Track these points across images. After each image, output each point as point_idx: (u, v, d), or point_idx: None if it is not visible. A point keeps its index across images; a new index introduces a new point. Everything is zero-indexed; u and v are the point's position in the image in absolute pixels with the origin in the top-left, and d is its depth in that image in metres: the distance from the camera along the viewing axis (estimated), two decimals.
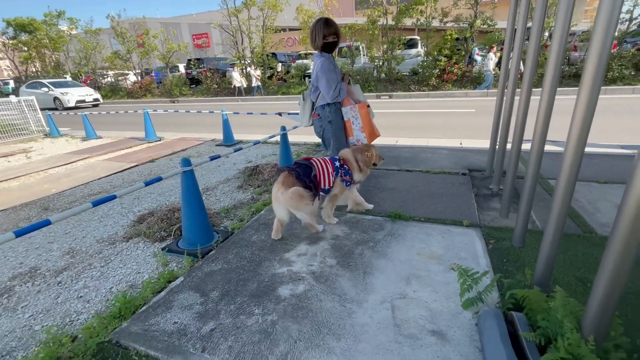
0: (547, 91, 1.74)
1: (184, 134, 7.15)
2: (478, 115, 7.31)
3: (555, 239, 1.53)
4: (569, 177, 1.41)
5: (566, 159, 1.39)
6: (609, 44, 1.23)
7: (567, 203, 1.46)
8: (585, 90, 1.29)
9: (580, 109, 1.32)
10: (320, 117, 2.65)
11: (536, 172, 1.92)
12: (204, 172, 4.27)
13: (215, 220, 2.82)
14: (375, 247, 2.20)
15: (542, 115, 1.79)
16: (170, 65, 18.74)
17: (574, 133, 1.36)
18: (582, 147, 1.36)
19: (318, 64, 2.49)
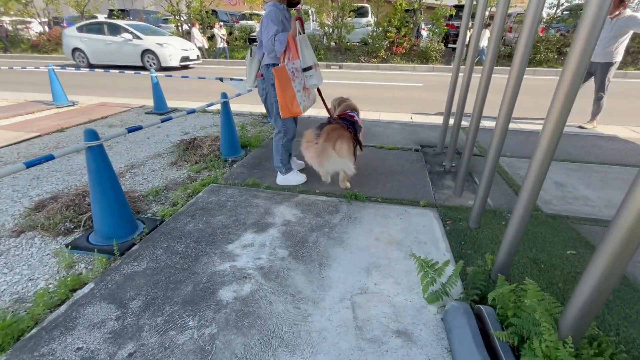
0: (515, 69, 1.60)
1: (106, 98, 6.06)
2: (426, 90, 7.39)
3: (522, 226, 1.45)
4: (544, 158, 1.29)
5: (543, 138, 1.27)
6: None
7: (539, 187, 1.36)
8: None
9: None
10: (264, 78, 2.32)
11: (498, 152, 1.83)
12: (129, 145, 3.61)
13: (141, 205, 2.34)
14: (331, 233, 1.99)
15: (508, 94, 1.66)
16: (87, 14, 15.78)
17: (553, 113, 1.23)
18: (562, 126, 1.24)
19: (265, 13, 2.14)
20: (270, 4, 2.18)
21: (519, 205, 1.43)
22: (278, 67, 2.16)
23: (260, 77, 2.35)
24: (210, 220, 2.10)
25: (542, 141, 1.28)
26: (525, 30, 1.51)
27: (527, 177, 1.37)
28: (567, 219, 2.21)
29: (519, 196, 1.42)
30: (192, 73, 9.78)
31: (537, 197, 1.40)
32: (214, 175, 2.80)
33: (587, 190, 2.63)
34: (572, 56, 1.13)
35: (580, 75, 1.15)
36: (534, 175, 1.34)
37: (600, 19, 1.06)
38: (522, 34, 1.52)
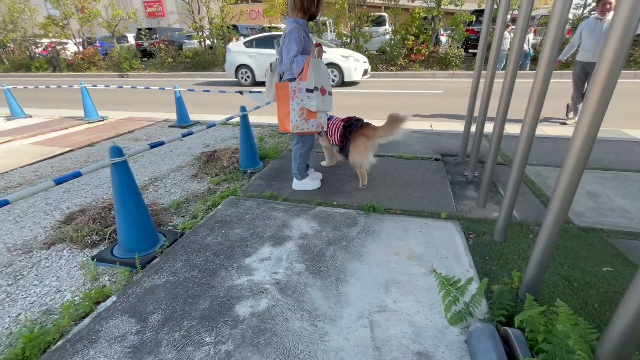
0: (541, 75, 1.53)
1: (132, 113, 6.36)
2: (446, 96, 7.25)
3: (552, 241, 1.37)
4: (576, 165, 1.21)
5: (574, 144, 1.19)
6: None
7: (570, 198, 1.27)
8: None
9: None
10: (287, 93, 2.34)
11: (524, 160, 1.74)
12: (152, 159, 3.74)
13: (163, 217, 2.41)
14: (349, 247, 1.95)
15: (534, 99, 1.59)
16: (117, 34, 16.76)
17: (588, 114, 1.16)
18: (595, 133, 1.16)
19: (287, 30, 2.18)
20: (291, 20, 2.23)
21: (549, 218, 1.35)
22: (280, 82, 2.28)
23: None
24: (229, 233, 2.12)
25: (573, 147, 1.20)
26: (550, 33, 1.45)
27: (557, 186, 1.29)
28: (602, 233, 2.07)
29: (549, 208, 1.34)
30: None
31: (569, 209, 1.31)
32: (232, 187, 2.85)
33: (623, 201, 2.46)
34: (606, 54, 1.05)
35: (615, 76, 1.07)
36: (565, 184, 1.26)
37: (634, 20, 1.00)
38: (547, 35, 1.46)
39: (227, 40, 13.86)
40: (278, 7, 12.96)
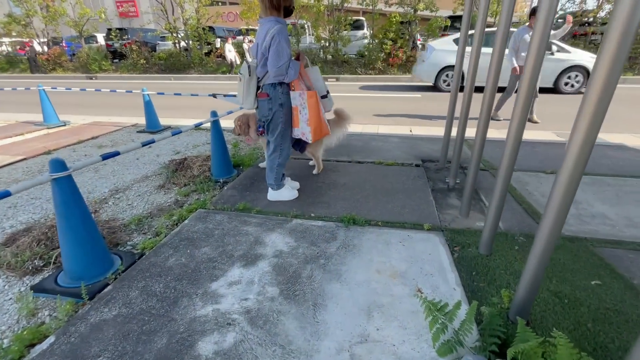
0: (528, 73, 1.44)
1: (98, 117, 5.95)
2: (424, 100, 7.28)
3: (545, 259, 1.26)
4: (572, 174, 1.10)
5: (571, 151, 1.09)
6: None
7: (565, 211, 1.17)
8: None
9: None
10: (270, 98, 2.21)
11: (510, 170, 1.64)
12: (116, 168, 3.44)
13: (122, 236, 2.16)
14: (328, 265, 1.80)
15: (520, 105, 1.50)
16: (86, 34, 15.93)
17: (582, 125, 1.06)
18: (594, 135, 1.07)
19: (272, 32, 1.99)
20: (272, 19, 2.06)
21: (542, 233, 1.25)
22: (312, 91, 2.27)
23: (265, 97, 2.21)
24: (195, 252, 1.91)
25: (569, 154, 1.09)
26: (535, 37, 1.36)
27: (552, 198, 1.18)
28: (586, 242, 2.02)
29: (542, 223, 1.24)
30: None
31: (564, 223, 1.21)
32: (202, 199, 2.63)
33: (603, 206, 2.44)
34: (605, 53, 0.95)
35: (615, 80, 0.98)
36: (561, 196, 1.15)
37: (632, 26, 0.90)
38: (532, 40, 1.37)
39: (202, 42, 13.45)
40: (255, 9, 12.72)
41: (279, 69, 2.07)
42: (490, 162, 3.35)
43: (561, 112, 5.71)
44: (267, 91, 2.19)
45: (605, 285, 1.63)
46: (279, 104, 2.22)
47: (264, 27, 2.06)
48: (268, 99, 2.21)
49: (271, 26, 2.02)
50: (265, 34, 2.02)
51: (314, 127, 2.30)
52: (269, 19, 2.06)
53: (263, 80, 2.19)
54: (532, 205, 2.47)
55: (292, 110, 2.33)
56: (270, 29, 2.00)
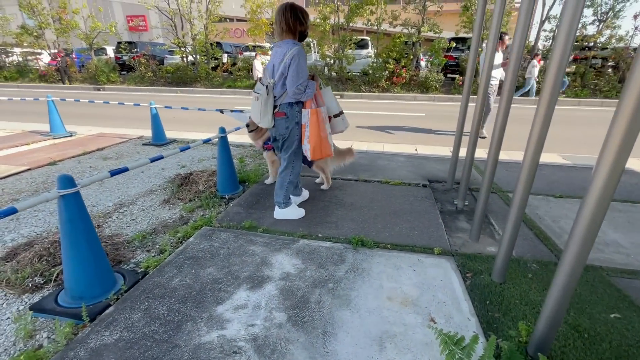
0: (545, 101, 1.43)
1: (105, 128, 5.99)
2: (428, 119, 7.33)
3: (568, 292, 1.22)
4: (600, 202, 1.07)
5: (598, 176, 1.06)
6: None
7: (591, 242, 1.14)
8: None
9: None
10: (288, 117, 2.24)
11: (526, 193, 1.60)
12: (121, 180, 3.42)
13: (125, 253, 2.11)
14: (337, 290, 1.74)
15: (538, 125, 1.48)
16: (96, 47, 16.30)
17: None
18: (625, 159, 1.04)
19: (291, 53, 2.05)
20: (291, 41, 2.13)
21: (565, 265, 1.20)
22: (316, 109, 2.25)
23: (283, 116, 2.23)
24: (200, 273, 1.86)
25: (597, 180, 1.06)
26: (554, 60, 1.35)
27: (575, 228, 1.15)
28: (601, 271, 1.97)
29: (565, 254, 1.20)
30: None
31: (589, 255, 1.17)
32: (208, 215, 2.59)
33: (615, 233, 2.40)
34: (634, 79, 0.94)
35: None
36: (586, 226, 1.12)
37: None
38: (550, 64, 1.37)
39: (210, 57, 13.72)
40: (262, 26, 13.04)
41: (298, 88, 2.11)
42: (497, 185, 3.33)
43: (565, 134, 5.73)
44: (284, 110, 2.22)
45: (625, 319, 1.57)
46: (296, 122, 2.26)
47: (282, 48, 2.11)
48: (285, 117, 2.23)
49: (289, 47, 2.08)
50: (284, 55, 2.08)
51: (313, 146, 2.28)
52: (286, 41, 2.13)
53: (280, 100, 2.21)
54: (543, 230, 2.43)
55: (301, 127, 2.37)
56: (289, 50, 2.07)
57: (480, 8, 2.60)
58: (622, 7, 10.63)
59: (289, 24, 2.11)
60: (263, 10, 12.92)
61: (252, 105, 2.27)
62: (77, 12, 15.33)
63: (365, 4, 11.53)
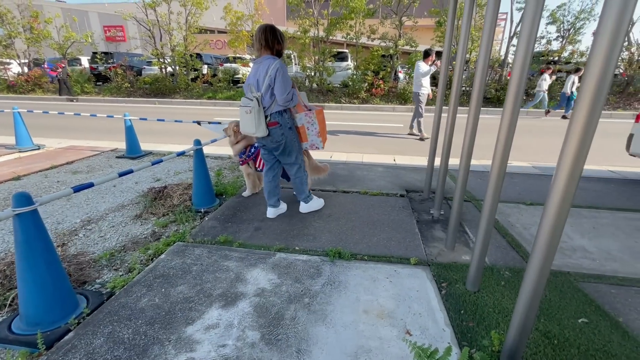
0: (508, 112, 1.49)
1: (77, 141, 5.76)
2: (406, 129, 7.49)
3: (536, 297, 1.24)
4: (561, 207, 1.11)
5: (557, 182, 1.10)
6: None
7: (555, 246, 1.17)
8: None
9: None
10: (280, 125, 2.39)
11: (495, 201, 1.64)
12: (90, 195, 3.28)
13: (91, 272, 2.00)
14: (312, 305, 1.71)
15: (503, 135, 1.53)
16: (70, 57, 15.83)
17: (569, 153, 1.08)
18: (582, 164, 1.08)
19: (274, 66, 2.25)
20: (270, 56, 2.30)
21: (531, 272, 1.23)
22: (319, 109, 2.69)
23: (276, 125, 2.37)
24: (170, 291, 1.79)
25: (556, 185, 1.10)
26: (515, 74, 1.42)
27: (540, 233, 1.18)
28: (569, 276, 2.03)
29: (531, 261, 1.23)
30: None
31: (553, 261, 1.21)
32: (181, 230, 2.51)
33: (582, 239, 2.50)
34: (586, 91, 0.99)
35: (597, 114, 1.00)
36: (549, 230, 1.15)
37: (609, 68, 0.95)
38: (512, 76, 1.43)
39: (189, 68, 13.58)
40: (243, 38, 13.08)
41: (287, 96, 2.28)
42: (471, 193, 3.41)
43: (538, 142, 5.99)
44: (276, 119, 2.36)
45: (592, 323, 1.62)
46: (288, 127, 2.44)
47: (264, 63, 2.28)
48: (279, 125, 2.38)
49: (272, 62, 2.26)
50: (268, 68, 2.25)
51: (324, 137, 2.75)
52: (266, 57, 2.30)
53: (269, 110, 2.34)
54: (515, 238, 2.50)
55: (298, 129, 2.60)
56: (272, 64, 2.24)
57: (449, 25, 2.71)
58: (582, 25, 11.39)
59: (267, 40, 2.28)
60: (243, 23, 12.98)
61: (243, 119, 2.37)
62: (50, 22, 14.93)
63: (344, 19, 11.83)
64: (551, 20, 11.79)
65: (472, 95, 1.93)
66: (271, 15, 22.16)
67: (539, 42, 12.13)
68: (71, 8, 25.48)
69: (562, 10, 11.60)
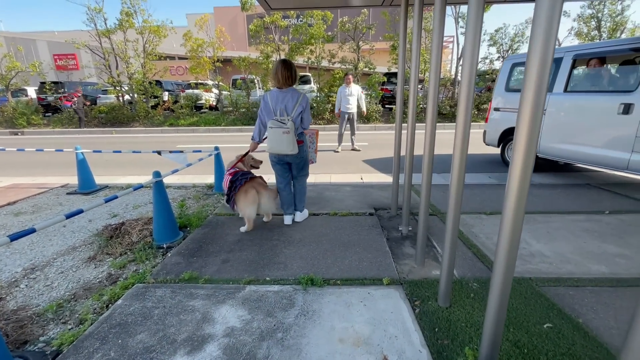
0: (461, 123, 1.57)
1: (21, 178, 5.28)
2: (371, 148, 7.73)
3: (503, 308, 1.27)
4: (515, 217, 1.16)
5: (510, 192, 1.15)
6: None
7: (514, 254, 1.22)
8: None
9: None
10: (304, 142, 2.91)
11: (457, 213, 1.69)
12: (35, 239, 2.97)
13: (33, 329, 1.77)
14: (286, 339, 1.63)
15: (458, 147, 1.60)
16: (13, 88, 14.77)
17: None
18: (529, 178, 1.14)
19: (303, 96, 2.78)
20: (293, 88, 2.78)
21: (496, 281, 1.27)
22: (317, 130, 3.22)
23: (302, 143, 2.86)
24: (128, 342, 1.62)
25: (510, 194, 1.16)
26: (463, 91, 1.51)
27: (500, 243, 1.23)
28: (531, 282, 2.13)
29: (494, 270, 1.27)
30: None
31: (514, 268, 1.25)
32: (141, 270, 2.33)
33: (539, 244, 2.65)
34: (526, 101, 1.06)
35: (538, 121, 1.08)
36: (507, 239, 1.20)
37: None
38: (461, 94, 1.52)
39: (149, 96, 13.19)
40: (204, 64, 13.02)
41: (310, 120, 2.88)
42: (436, 207, 3.53)
43: None
44: (302, 138, 2.87)
45: (556, 328, 1.69)
46: (306, 144, 2.97)
47: (294, 93, 2.75)
48: (303, 143, 2.89)
49: (299, 93, 2.76)
50: (298, 98, 2.74)
51: (317, 153, 3.25)
52: (291, 88, 2.77)
53: (296, 131, 2.77)
54: (480, 248, 2.59)
55: None
56: (300, 95, 2.76)
57: (401, 49, 2.89)
58: (517, 47, 12.66)
59: (285, 76, 2.71)
60: (204, 50, 12.95)
61: (278, 139, 2.69)
62: None
63: (305, 44, 12.24)
64: (492, 43, 12.98)
65: (427, 112, 2.01)
66: (233, 41, 22.40)
67: (483, 62, 13.25)
68: (16, 37, 24.03)
69: (500, 34, 12.85)
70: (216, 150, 4.20)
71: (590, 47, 4.16)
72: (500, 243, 1.23)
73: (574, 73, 4.32)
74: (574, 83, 4.33)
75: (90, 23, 12.33)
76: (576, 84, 4.35)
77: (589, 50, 4.13)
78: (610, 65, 4.28)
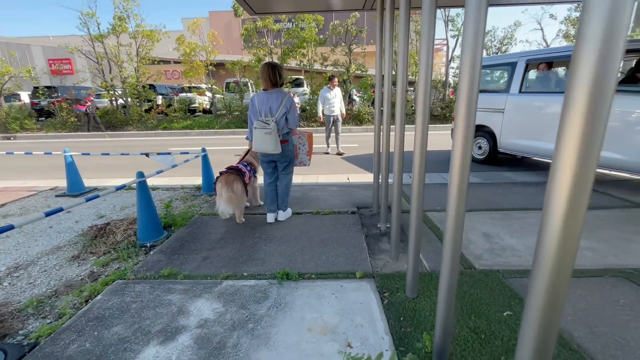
0: (420, 124, 1.66)
1: (11, 181, 5.32)
2: (361, 149, 7.83)
3: (451, 294, 1.35)
4: (457, 211, 1.25)
5: (452, 187, 1.24)
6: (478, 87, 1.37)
7: (459, 244, 1.30)
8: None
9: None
10: (289, 142, 3.01)
11: (420, 207, 1.78)
12: (21, 239, 3.02)
13: (13, 324, 1.83)
14: (256, 330, 1.70)
15: (418, 147, 1.69)
16: (7, 92, 14.77)
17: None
18: (467, 175, 1.23)
19: (288, 97, 2.86)
20: (279, 90, 2.87)
21: (445, 268, 1.35)
22: (310, 133, 3.42)
23: (286, 142, 2.96)
24: (104, 333, 1.68)
25: (451, 190, 1.25)
26: (461, 96, 1.59)
27: (446, 236, 1.31)
28: (498, 274, 2.21)
29: (443, 260, 1.35)
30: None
31: (459, 257, 1.33)
32: (123, 268, 2.39)
33: (511, 239, 2.73)
34: (461, 106, 1.15)
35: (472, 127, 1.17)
36: (452, 232, 1.29)
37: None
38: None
39: (142, 100, 13.25)
40: (198, 68, 13.10)
41: (295, 121, 2.93)
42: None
43: None
44: (286, 138, 2.96)
45: (515, 315, 1.77)
46: (292, 144, 3.08)
47: (278, 94, 2.83)
48: (288, 142, 2.98)
49: (284, 94, 2.85)
50: (282, 99, 2.82)
51: (310, 156, 3.39)
52: (276, 90, 2.86)
53: (281, 131, 2.87)
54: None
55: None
56: (285, 96, 2.84)
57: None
58: (506, 49, 12.87)
59: (270, 78, 2.80)
60: (198, 53, 13.05)
61: (262, 139, 2.80)
62: None
63: (297, 47, 12.37)
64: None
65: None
66: (228, 45, 22.53)
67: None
68: (10, 42, 24.03)
69: (489, 36, 13.07)
70: (203, 152, 4.27)
71: (539, 53, 4.68)
72: (446, 237, 1.31)
73: (527, 76, 4.78)
74: (527, 84, 4.79)
75: (83, 28, 12.40)
76: (529, 86, 4.81)
77: (538, 56, 4.63)
78: (559, 68, 4.75)
